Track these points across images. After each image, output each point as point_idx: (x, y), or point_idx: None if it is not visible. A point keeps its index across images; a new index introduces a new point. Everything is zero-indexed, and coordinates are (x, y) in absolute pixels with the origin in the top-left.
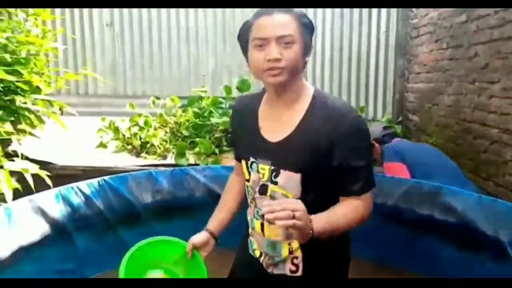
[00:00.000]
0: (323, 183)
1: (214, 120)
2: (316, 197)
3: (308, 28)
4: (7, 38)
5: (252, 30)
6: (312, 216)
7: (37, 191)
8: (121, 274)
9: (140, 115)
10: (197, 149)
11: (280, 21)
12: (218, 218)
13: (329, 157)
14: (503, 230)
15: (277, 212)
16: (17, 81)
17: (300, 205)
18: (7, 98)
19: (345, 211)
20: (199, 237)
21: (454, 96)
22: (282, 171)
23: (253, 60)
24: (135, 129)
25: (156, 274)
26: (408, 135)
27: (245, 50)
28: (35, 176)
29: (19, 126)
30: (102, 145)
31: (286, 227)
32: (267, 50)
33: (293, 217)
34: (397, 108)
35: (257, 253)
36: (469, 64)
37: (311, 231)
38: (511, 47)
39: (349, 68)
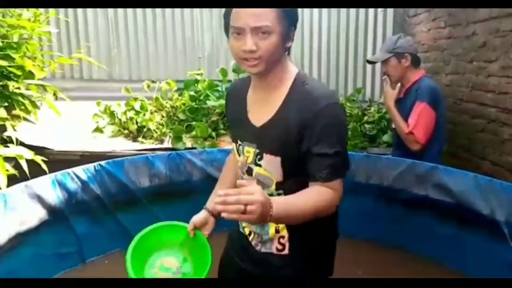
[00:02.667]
0: (302, 167)
1: (210, 103)
2: (297, 180)
3: (288, 15)
4: None
5: (231, 16)
6: (273, 199)
7: (35, 177)
8: (128, 262)
9: (136, 99)
10: (193, 133)
11: (257, 11)
12: None
13: (301, 141)
14: (499, 210)
15: (228, 206)
16: (9, 66)
17: (257, 196)
18: (0, 83)
19: (308, 197)
20: (199, 217)
21: (452, 75)
22: (265, 154)
23: (231, 47)
24: (131, 114)
25: (163, 257)
26: None
27: (227, 33)
28: (32, 162)
29: (13, 112)
30: (99, 129)
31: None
32: (243, 40)
33: (244, 212)
34: None
35: (247, 231)
36: (467, 42)
37: (269, 217)
38: (510, 24)
39: (346, 48)
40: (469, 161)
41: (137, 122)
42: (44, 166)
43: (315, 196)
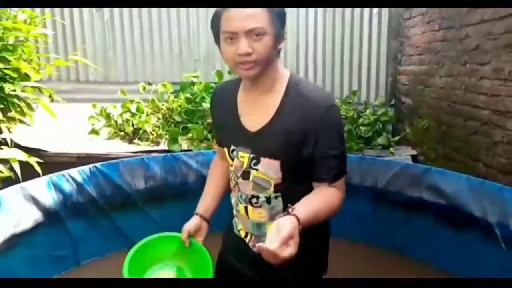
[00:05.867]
0: (302, 169)
1: (206, 105)
2: (296, 181)
3: (279, 16)
4: None
5: (221, 22)
6: (296, 210)
7: (31, 179)
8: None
9: (132, 101)
10: (189, 135)
11: (249, 13)
12: (206, 201)
13: (303, 145)
14: (492, 211)
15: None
16: (4, 68)
17: (290, 249)
18: None
19: (324, 199)
20: (191, 224)
21: (445, 78)
22: (262, 158)
23: (225, 53)
24: (127, 116)
25: (159, 272)
26: (401, 118)
27: (217, 41)
28: (27, 164)
29: (8, 114)
30: (95, 131)
31: None
32: (237, 44)
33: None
34: (390, 91)
35: (242, 233)
36: (461, 45)
37: (299, 228)
38: (503, 27)
39: (342, 51)
40: (463, 163)
41: (133, 124)
42: (37, 168)
43: (329, 199)
